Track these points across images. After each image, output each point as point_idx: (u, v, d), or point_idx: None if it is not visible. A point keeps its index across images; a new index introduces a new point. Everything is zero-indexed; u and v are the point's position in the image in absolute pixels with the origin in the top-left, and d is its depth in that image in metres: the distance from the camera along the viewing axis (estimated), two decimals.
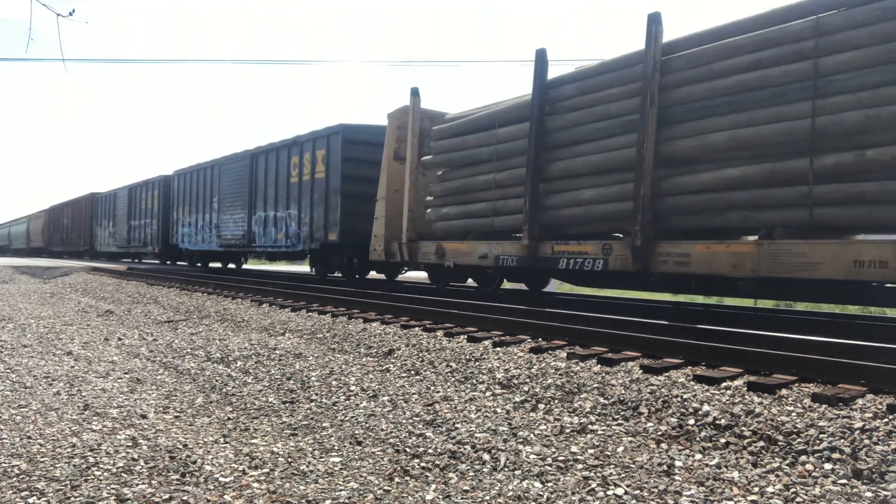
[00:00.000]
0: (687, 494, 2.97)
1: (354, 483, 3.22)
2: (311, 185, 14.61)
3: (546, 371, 4.98)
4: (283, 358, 6.33)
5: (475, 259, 9.86)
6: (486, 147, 9.93)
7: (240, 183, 18.02)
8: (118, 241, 29.15)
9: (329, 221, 14.03)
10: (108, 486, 3.06)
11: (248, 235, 17.39)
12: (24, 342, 7.43)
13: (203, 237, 20.61)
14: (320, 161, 14.38)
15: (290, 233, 15.40)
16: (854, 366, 4.25)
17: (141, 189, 26.37)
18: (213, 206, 19.80)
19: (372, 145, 13.31)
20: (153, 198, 24.93)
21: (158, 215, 24.15)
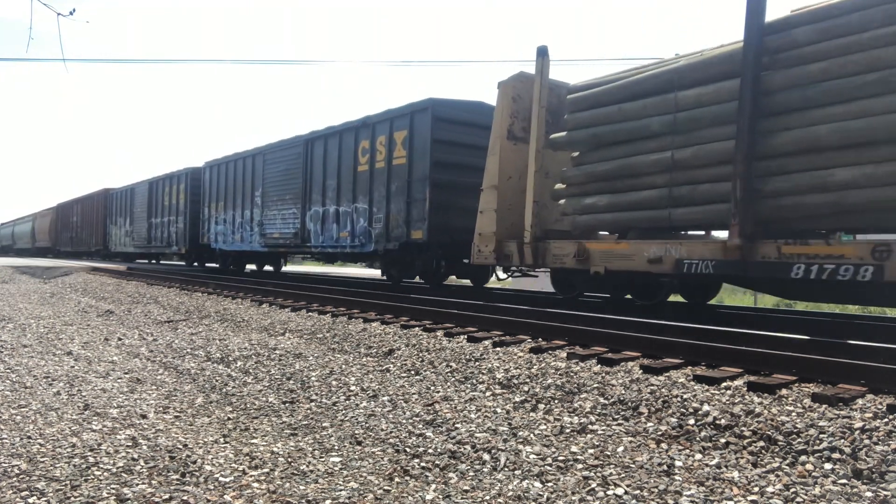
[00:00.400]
0: (687, 494, 2.97)
1: (354, 483, 3.22)
2: (388, 173, 12.04)
3: (546, 371, 4.99)
4: (283, 358, 6.33)
5: (641, 264, 7.60)
6: (656, 117, 7.63)
7: (290, 174, 15.31)
8: (137, 240, 26.19)
9: (412, 217, 11.52)
10: (108, 486, 3.06)
11: (302, 234, 14.73)
12: (24, 342, 7.43)
13: (242, 236, 17.66)
14: (399, 144, 11.85)
15: (358, 230, 12.88)
16: (854, 366, 4.25)
17: (164, 183, 23.25)
18: (254, 201, 16.91)
19: (468, 126, 11.42)
20: (179, 192, 21.88)
21: (185, 212, 21.19)
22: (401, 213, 11.78)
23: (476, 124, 11.18)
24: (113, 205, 29.92)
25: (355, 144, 13.06)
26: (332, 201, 13.73)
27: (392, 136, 12.06)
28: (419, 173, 11.38)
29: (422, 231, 11.32)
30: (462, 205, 10.81)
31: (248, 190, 17.36)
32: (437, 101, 11.35)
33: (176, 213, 22.12)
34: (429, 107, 11.29)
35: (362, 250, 12.92)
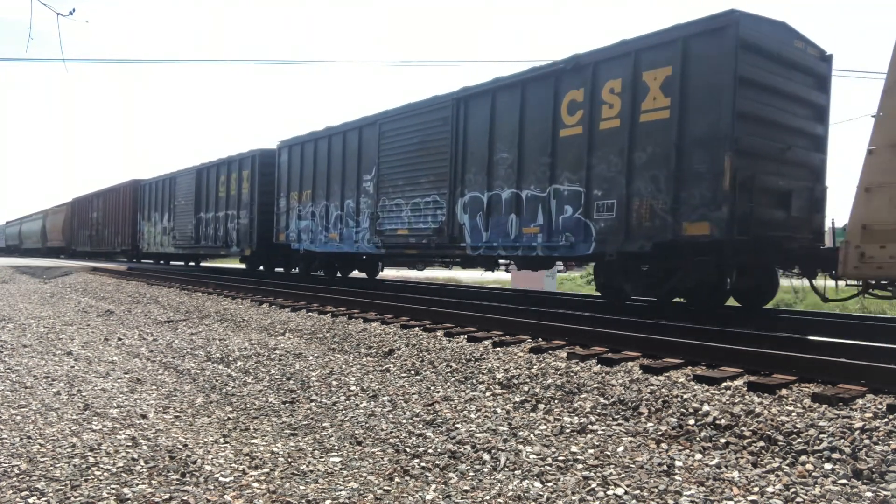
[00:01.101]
0: (687, 494, 2.97)
1: (354, 483, 3.22)
2: (628, 135, 7.80)
3: (546, 371, 4.99)
4: (283, 358, 6.33)
5: None
6: None
7: (427, 148, 10.97)
8: (180, 239, 21.59)
9: (686, 201, 7.25)
10: (108, 485, 3.06)
11: (449, 229, 10.43)
12: (24, 342, 7.43)
13: (342, 233, 13.36)
14: (657, 90, 7.59)
15: (561, 223, 8.59)
16: (854, 366, 4.25)
17: (218, 170, 18.84)
18: (362, 188, 12.62)
19: (775, 61, 7.43)
20: (242, 181, 17.52)
21: (251, 204, 16.86)
22: (659, 196, 7.53)
23: (783, 59, 7.46)
24: (145, 198, 25.09)
25: (555, 98, 8.71)
26: (507, 183, 9.39)
27: (638, 79, 7.76)
28: (702, 132, 7.15)
29: (709, 224, 6.99)
30: (769, 185, 7.22)
31: (350, 173, 13.01)
32: (744, 14, 6.99)
33: (237, 205, 17.58)
34: (728, 24, 6.93)
35: (571, 253, 8.57)
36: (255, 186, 16.82)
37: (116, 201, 28.77)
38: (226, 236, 18.39)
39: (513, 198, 9.29)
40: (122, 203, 27.93)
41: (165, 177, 23.08)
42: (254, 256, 18.18)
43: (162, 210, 23.25)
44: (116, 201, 28.77)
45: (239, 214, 17.63)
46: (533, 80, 9.05)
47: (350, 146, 13.09)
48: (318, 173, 14.14)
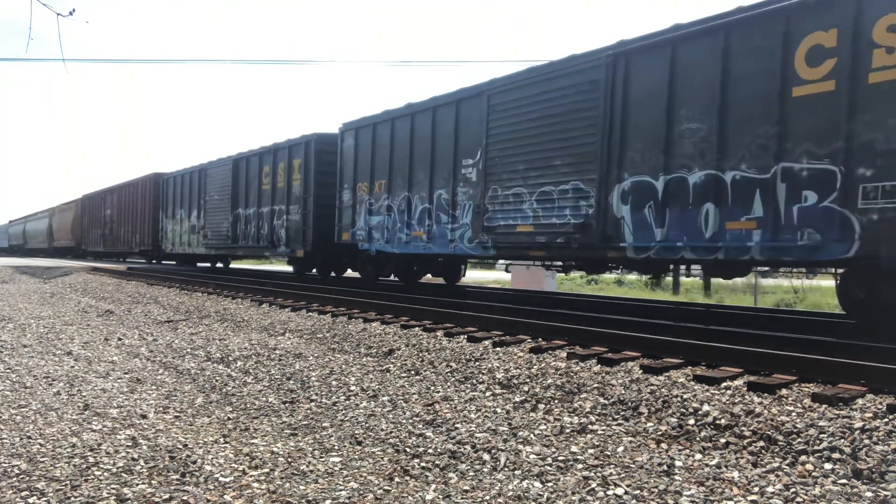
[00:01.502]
0: (687, 494, 2.97)
1: (354, 483, 3.22)
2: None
3: (546, 371, 4.99)
4: (283, 358, 6.33)
5: None
6: None
7: (565, 122, 8.48)
8: (212, 238, 19.13)
9: None
10: (108, 486, 3.06)
11: (599, 224, 7.99)
12: (24, 342, 7.43)
13: (431, 231, 10.84)
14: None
15: (800, 215, 6.27)
16: (854, 366, 4.25)
17: (260, 160, 16.50)
18: (461, 175, 10.23)
19: None
20: (290, 171, 15.14)
21: (305, 199, 14.42)
22: None
23: None
24: (168, 193, 22.67)
25: (784, 44, 6.39)
26: (699, 162, 7.04)
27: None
28: None
29: None
30: None
31: (443, 158, 10.57)
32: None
33: (286, 200, 15.22)
34: None
35: (812, 256, 6.32)
36: (310, 177, 14.28)
37: (134, 197, 26.03)
38: (271, 235, 15.83)
39: (709, 182, 6.84)
40: (140, 199, 25.25)
41: (193, 169, 20.48)
42: (307, 258, 15.21)
43: (190, 206, 20.68)
44: (134, 197, 26.03)
45: (288, 210, 15.12)
46: (744, 24, 6.65)
47: (442, 125, 10.54)
48: (397, 159, 11.62)
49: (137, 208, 25.74)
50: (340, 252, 14.21)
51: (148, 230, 24.58)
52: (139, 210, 25.49)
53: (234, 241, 17.82)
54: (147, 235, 24.66)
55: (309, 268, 16.62)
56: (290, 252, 15.34)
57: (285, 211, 15.30)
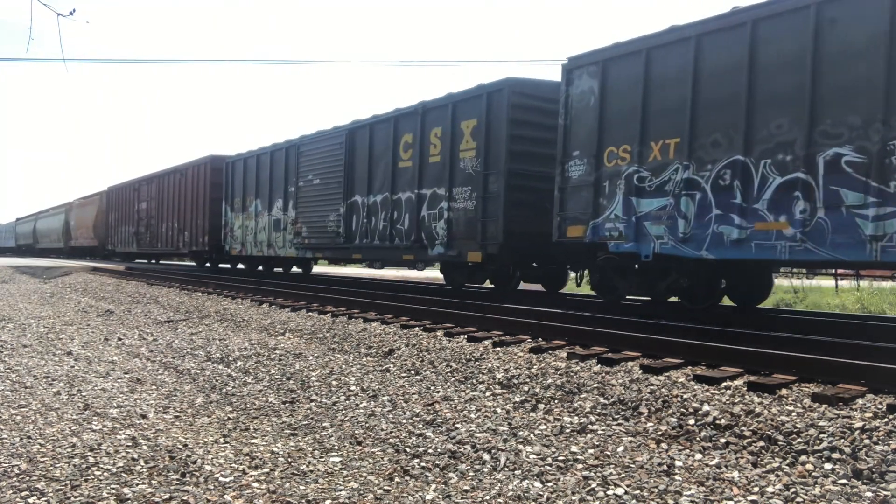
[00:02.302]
0: (687, 494, 2.97)
1: (354, 483, 3.22)
2: None
3: (546, 371, 4.99)
4: (283, 358, 6.33)
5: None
6: None
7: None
8: (311, 235, 14.30)
9: None
10: (108, 485, 3.06)
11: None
12: (24, 342, 7.43)
13: (808, 221, 6.11)
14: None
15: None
16: (854, 366, 4.25)
17: (395, 127, 11.73)
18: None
19: None
20: (456, 138, 10.42)
21: (484, 175, 9.77)
22: None
23: None
24: (235, 179, 17.90)
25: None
26: None
27: None
28: None
29: None
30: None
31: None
32: None
33: (447, 180, 10.40)
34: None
35: None
36: (498, 145, 9.44)
37: (181, 187, 21.07)
38: (418, 231, 10.91)
39: None
40: (192, 188, 20.20)
41: (276, 148, 15.79)
42: (489, 263, 10.03)
43: (270, 195, 15.93)
44: (181, 187, 21.07)
45: (451, 195, 10.24)
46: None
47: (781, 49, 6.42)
48: (709, 103, 6.99)
49: (187, 200, 20.59)
50: (555, 254, 9.72)
51: (203, 227, 19.29)
52: (190, 202, 20.35)
53: (347, 240, 12.87)
54: (201, 233, 19.40)
55: (486, 277, 11.08)
56: (454, 255, 10.29)
57: (445, 196, 10.33)
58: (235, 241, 17.96)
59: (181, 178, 21.22)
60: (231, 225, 18.17)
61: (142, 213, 25.19)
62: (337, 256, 14.96)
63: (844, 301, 12.59)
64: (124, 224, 27.68)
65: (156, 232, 23.63)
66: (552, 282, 11.16)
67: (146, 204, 24.66)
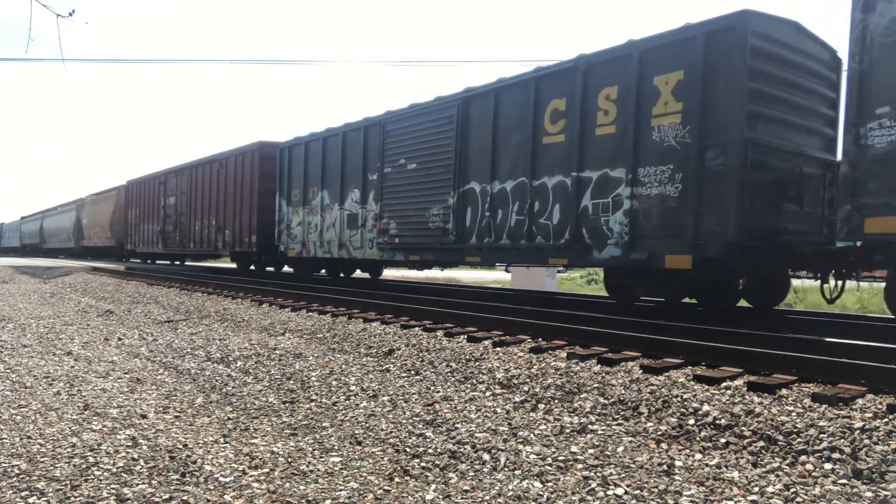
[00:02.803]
0: (687, 494, 2.97)
1: (354, 483, 3.22)
2: None
3: (546, 371, 4.99)
4: (283, 358, 6.33)
5: None
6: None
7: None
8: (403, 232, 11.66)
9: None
10: (108, 485, 3.06)
11: None
12: (24, 342, 7.43)
13: None
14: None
15: None
16: (854, 366, 4.25)
17: (535, 93, 8.97)
18: None
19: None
20: (642, 101, 7.57)
21: (700, 149, 6.91)
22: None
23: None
24: (293, 168, 15.03)
25: None
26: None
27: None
28: None
29: None
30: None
31: None
32: None
33: (629, 156, 7.69)
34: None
35: None
36: (730, 105, 6.79)
37: (221, 179, 18.26)
38: (575, 226, 8.28)
39: None
40: (236, 180, 17.35)
41: (347, 128, 13.06)
42: (704, 271, 7.22)
43: (342, 185, 13.21)
44: (221, 179, 18.26)
45: (635, 177, 7.61)
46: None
47: None
48: None
49: (229, 193, 17.72)
50: (815, 259, 7.20)
51: (249, 224, 16.53)
52: (232, 196, 17.48)
53: (459, 239, 10.29)
54: (247, 232, 16.64)
55: (690, 288, 8.21)
56: (640, 259, 7.52)
57: (624, 179, 7.70)
58: (293, 241, 14.87)
59: (220, 169, 18.29)
60: (287, 221, 15.05)
61: (169, 209, 21.92)
62: (443, 259, 11.40)
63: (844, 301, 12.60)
64: (147, 221, 24.19)
65: (187, 230, 20.55)
66: (768, 294, 8.57)
67: (175, 199, 21.45)
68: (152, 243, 23.81)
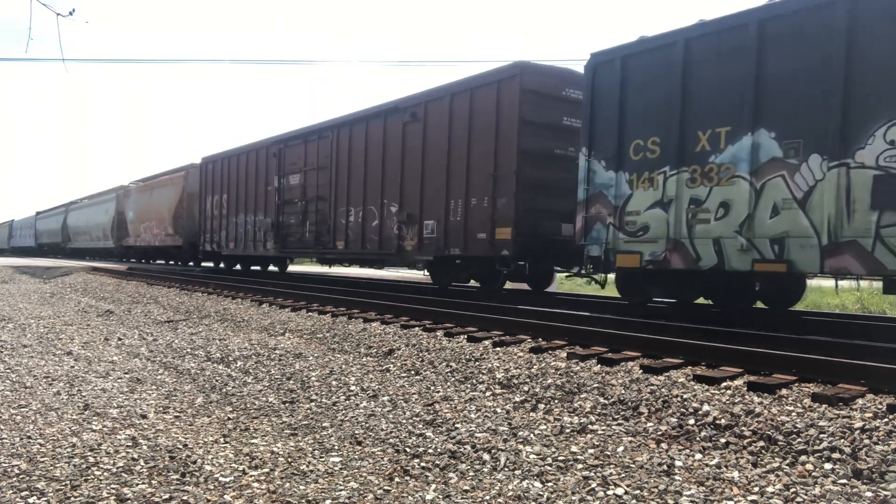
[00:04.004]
0: (687, 494, 2.97)
1: (354, 483, 3.22)
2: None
3: (546, 371, 4.99)
4: (283, 358, 6.33)
5: None
6: None
7: None
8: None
9: None
10: (108, 485, 3.06)
11: None
12: (24, 342, 7.43)
13: None
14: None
15: None
16: (854, 366, 4.25)
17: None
18: None
19: None
20: None
21: None
22: None
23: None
24: (625, 102, 7.75)
25: None
26: None
27: None
28: None
29: None
30: None
31: None
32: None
33: None
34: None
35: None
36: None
37: (413, 139, 11.47)
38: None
39: None
40: (454, 138, 10.61)
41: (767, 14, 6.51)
42: None
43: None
44: (413, 139, 11.47)
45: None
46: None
47: None
48: None
49: (433, 161, 10.99)
50: None
51: (492, 209, 9.80)
52: (441, 166, 10.80)
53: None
54: (486, 222, 9.88)
55: None
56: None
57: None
58: (643, 238, 7.53)
59: (410, 125, 11.49)
60: (621, 198, 7.78)
61: (288, 192, 15.08)
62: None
63: (844, 301, 12.60)
64: (241, 212, 17.33)
65: (329, 223, 13.62)
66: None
67: (300, 178, 14.60)
68: (254, 242, 16.71)
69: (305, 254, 15.94)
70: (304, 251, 15.38)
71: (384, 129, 12.17)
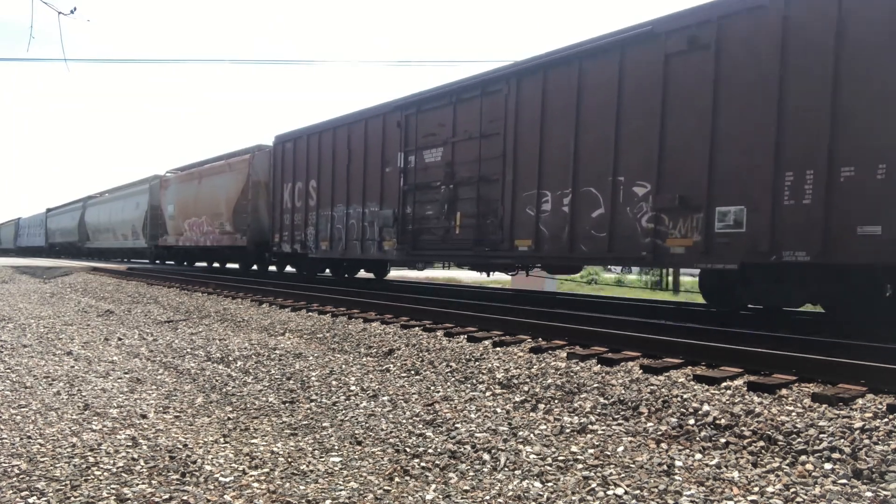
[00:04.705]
0: (687, 494, 2.97)
1: (354, 483, 3.22)
2: None
3: (546, 371, 4.99)
4: (283, 358, 6.33)
5: None
6: None
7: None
8: None
9: None
10: (108, 485, 3.06)
11: None
12: (24, 342, 7.43)
13: None
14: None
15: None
16: (854, 366, 4.25)
17: None
18: None
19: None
20: None
21: None
22: None
23: None
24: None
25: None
26: None
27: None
28: None
29: None
30: None
31: None
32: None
33: None
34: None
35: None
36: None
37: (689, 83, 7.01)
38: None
39: None
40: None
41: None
42: None
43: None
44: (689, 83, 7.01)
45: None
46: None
47: None
48: None
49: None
50: None
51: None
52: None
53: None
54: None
55: None
56: None
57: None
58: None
59: (675, 55, 7.22)
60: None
61: (422, 173, 11.03)
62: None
63: None
64: (340, 202, 13.25)
65: (500, 214, 9.50)
66: None
67: (444, 152, 10.57)
68: (361, 241, 12.64)
69: (451, 257, 11.29)
70: (449, 253, 10.91)
71: (620, 68, 7.85)
